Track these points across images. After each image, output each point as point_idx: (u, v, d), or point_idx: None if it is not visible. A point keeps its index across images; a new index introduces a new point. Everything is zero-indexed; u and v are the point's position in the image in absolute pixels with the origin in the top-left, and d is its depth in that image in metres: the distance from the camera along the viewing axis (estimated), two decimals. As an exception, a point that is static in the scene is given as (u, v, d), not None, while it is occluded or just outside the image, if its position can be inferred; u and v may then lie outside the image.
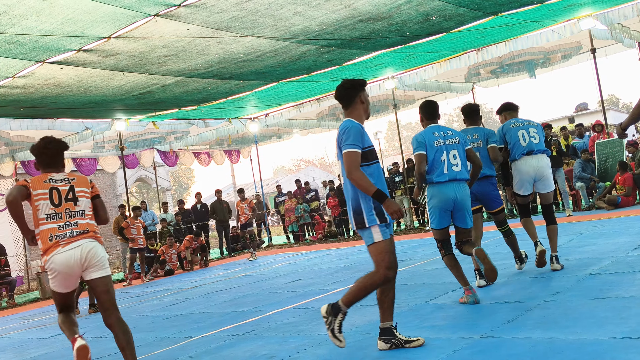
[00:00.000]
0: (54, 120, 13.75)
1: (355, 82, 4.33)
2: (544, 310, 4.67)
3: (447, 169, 5.29)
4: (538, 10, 10.69)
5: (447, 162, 5.30)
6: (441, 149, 5.29)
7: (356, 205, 4.17)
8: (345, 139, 4.10)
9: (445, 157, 5.30)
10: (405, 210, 16.45)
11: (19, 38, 7.89)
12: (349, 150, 4.07)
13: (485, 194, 6.26)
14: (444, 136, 5.40)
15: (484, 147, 6.30)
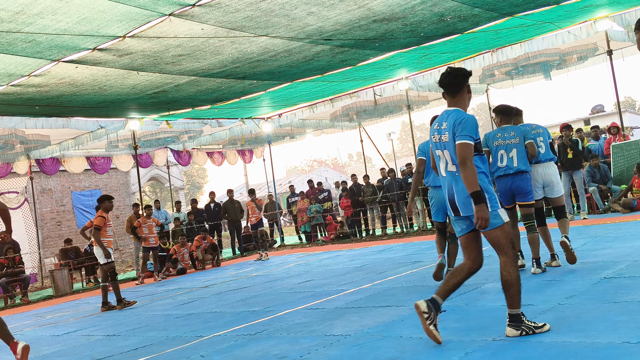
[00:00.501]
0: (68, 118, 13.85)
1: (465, 71, 4.36)
2: (557, 314, 4.63)
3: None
4: (554, 11, 10.61)
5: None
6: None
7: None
8: (461, 130, 4.14)
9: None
10: (418, 211, 16.39)
11: (35, 37, 7.95)
12: (465, 142, 4.11)
13: (519, 188, 6.57)
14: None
15: (522, 143, 6.55)
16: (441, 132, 4.30)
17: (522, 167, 6.55)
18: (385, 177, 17.39)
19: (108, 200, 10.11)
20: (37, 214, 18.86)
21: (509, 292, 4.17)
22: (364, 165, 23.22)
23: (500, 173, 6.67)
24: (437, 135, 4.36)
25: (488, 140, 6.81)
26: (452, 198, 4.29)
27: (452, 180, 4.29)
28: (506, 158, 6.57)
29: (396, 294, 6.84)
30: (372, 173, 27.86)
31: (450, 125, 4.22)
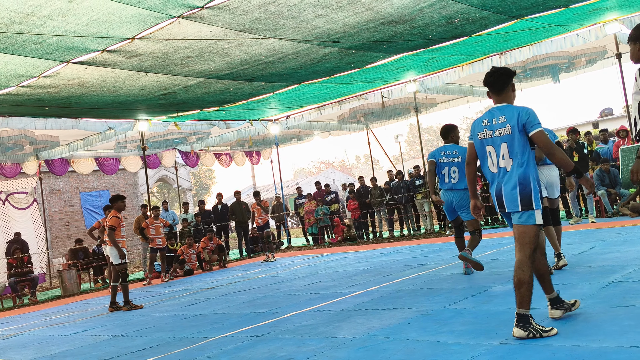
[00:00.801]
0: (77, 119, 13.91)
1: (509, 70, 4.50)
2: (565, 318, 4.61)
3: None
4: (563, 14, 10.58)
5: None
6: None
7: (526, 187, 4.22)
8: (532, 120, 4.24)
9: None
10: (426, 214, 16.37)
11: (45, 38, 8.00)
12: (542, 129, 4.22)
13: None
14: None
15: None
16: (495, 127, 4.35)
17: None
18: (393, 179, 17.38)
19: (121, 200, 10.10)
20: (45, 215, 18.95)
21: (520, 290, 4.19)
22: (371, 167, 23.21)
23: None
24: (488, 131, 4.41)
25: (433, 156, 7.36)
26: (500, 194, 4.36)
27: (502, 175, 4.35)
28: None
29: (403, 296, 6.84)
30: (380, 175, 27.83)
31: (513, 119, 4.28)
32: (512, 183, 4.26)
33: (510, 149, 4.27)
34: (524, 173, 4.23)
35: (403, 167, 28.21)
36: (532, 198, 4.22)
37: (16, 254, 14.73)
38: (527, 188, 4.22)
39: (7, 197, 17.72)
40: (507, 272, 7.43)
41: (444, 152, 7.56)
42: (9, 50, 8.27)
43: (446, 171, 7.49)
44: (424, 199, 16.19)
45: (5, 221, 17.63)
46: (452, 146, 7.61)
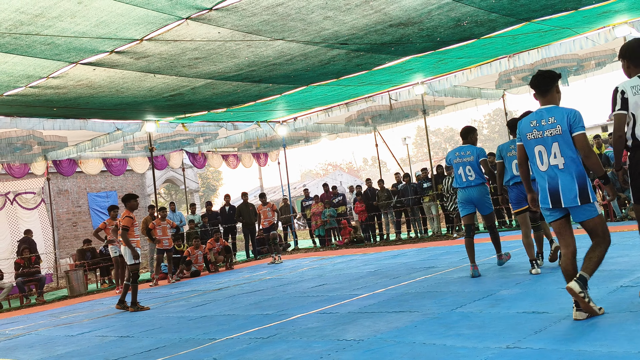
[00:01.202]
0: (85, 120, 13.95)
1: (553, 73, 4.78)
2: (573, 322, 4.58)
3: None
4: (572, 17, 10.53)
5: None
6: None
7: (583, 182, 4.53)
8: (578, 122, 4.54)
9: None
10: (433, 217, 16.33)
11: (54, 39, 8.03)
12: (584, 132, 4.53)
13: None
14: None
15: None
16: (545, 127, 4.63)
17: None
18: (400, 182, 17.35)
19: (134, 199, 10.09)
20: (53, 215, 19.03)
21: (594, 261, 4.55)
22: (378, 169, 23.19)
23: (516, 180, 7.37)
24: (538, 131, 4.68)
25: (502, 151, 7.52)
26: (556, 190, 4.60)
27: (555, 173, 4.61)
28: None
29: (410, 299, 6.82)
30: (387, 177, 27.80)
31: (563, 120, 4.57)
32: (569, 179, 4.54)
33: (562, 148, 4.55)
34: (580, 170, 4.55)
35: (410, 170, 28.19)
36: (589, 192, 4.53)
37: (25, 253, 14.79)
38: (584, 183, 4.53)
39: (15, 197, 17.81)
40: (514, 275, 7.41)
41: (458, 153, 7.95)
42: (18, 51, 8.30)
43: (461, 170, 7.84)
44: (431, 202, 16.15)
45: (13, 221, 17.71)
46: (467, 147, 7.99)
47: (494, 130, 78.34)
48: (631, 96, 4.47)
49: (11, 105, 11.50)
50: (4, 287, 14.07)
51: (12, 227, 17.61)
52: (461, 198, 7.95)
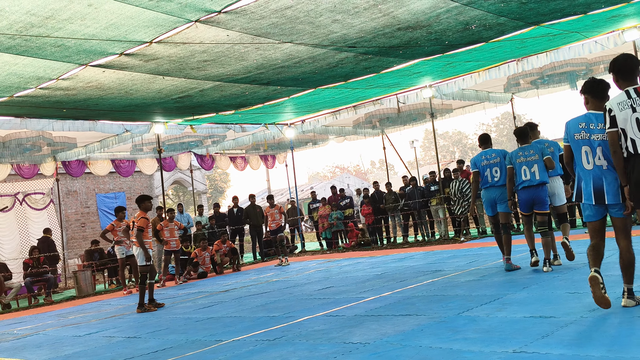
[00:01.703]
0: (94, 122, 14.03)
1: (608, 83, 5.17)
2: (580, 327, 4.58)
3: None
4: (581, 20, 10.50)
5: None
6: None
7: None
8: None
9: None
10: (441, 220, 16.30)
11: (64, 42, 8.09)
12: (612, 130, 4.82)
13: (539, 197, 7.81)
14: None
15: (541, 159, 7.75)
16: (593, 131, 5.02)
17: (543, 178, 7.72)
18: (408, 185, 17.33)
19: (148, 201, 10.13)
20: (62, 215, 19.12)
21: (629, 270, 4.98)
22: (386, 172, 23.17)
23: (525, 185, 7.79)
24: (586, 133, 5.06)
25: (512, 158, 7.97)
26: (600, 188, 4.97)
27: (601, 172, 4.99)
28: (529, 172, 7.73)
29: (416, 303, 6.81)
30: (395, 180, 27.76)
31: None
32: (612, 178, 4.92)
33: (605, 152, 4.94)
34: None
35: (418, 173, 28.13)
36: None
37: (34, 254, 14.87)
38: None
39: (24, 197, 17.91)
40: (521, 279, 7.39)
41: (484, 157, 8.52)
42: (28, 52, 8.37)
43: (488, 172, 8.38)
44: (439, 205, 16.12)
45: (23, 221, 17.82)
46: (491, 150, 8.58)
47: (502, 134, 78.08)
48: (618, 113, 4.69)
49: (21, 106, 11.58)
50: (13, 287, 14.16)
51: (21, 227, 17.71)
52: (485, 197, 8.55)
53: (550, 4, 9.21)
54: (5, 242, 17.22)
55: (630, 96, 4.67)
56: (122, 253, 13.97)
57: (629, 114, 4.62)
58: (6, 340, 8.66)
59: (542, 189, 7.76)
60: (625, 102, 4.67)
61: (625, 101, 4.67)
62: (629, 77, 4.77)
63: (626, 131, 4.65)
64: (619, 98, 4.74)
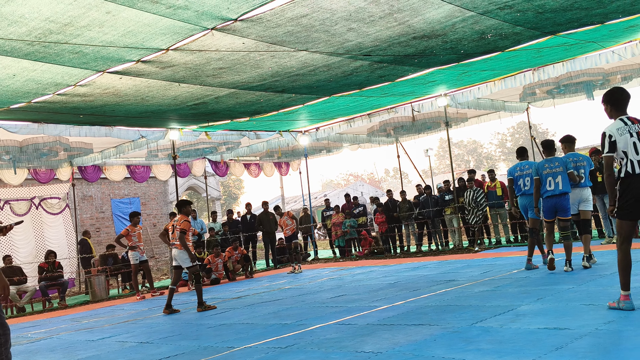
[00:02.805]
0: (111, 127, 14.14)
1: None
2: (595, 339, 4.53)
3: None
4: (598, 30, 10.44)
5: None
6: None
7: None
8: None
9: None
10: (455, 229, 16.22)
11: (82, 48, 8.17)
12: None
13: (561, 205, 8.65)
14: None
15: (564, 171, 8.64)
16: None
17: (565, 189, 8.56)
18: (422, 194, 17.27)
19: (188, 205, 10.47)
20: (77, 220, 19.27)
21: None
22: (400, 180, 23.12)
23: (548, 194, 8.63)
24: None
25: (538, 169, 8.76)
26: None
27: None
28: (553, 183, 8.57)
29: (429, 312, 6.78)
30: (409, 189, 27.72)
31: None
32: None
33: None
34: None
35: (432, 182, 28.04)
36: None
37: (50, 258, 14.98)
38: None
39: (40, 202, 18.08)
40: (536, 290, 7.33)
41: (519, 168, 9.48)
42: (47, 59, 8.46)
43: (521, 182, 9.39)
44: (453, 214, 16.05)
45: (38, 226, 17.97)
46: (526, 162, 9.53)
47: (517, 144, 77.67)
48: (618, 137, 5.31)
49: (39, 111, 11.71)
50: (27, 290, 14.27)
51: (36, 231, 17.86)
52: (521, 203, 9.54)
53: (567, 14, 9.17)
54: (21, 246, 17.37)
55: (627, 123, 5.36)
56: (136, 259, 14.05)
57: (628, 138, 5.28)
58: (20, 344, 8.72)
59: (564, 198, 8.58)
60: (623, 128, 5.33)
61: (623, 127, 5.34)
62: (622, 108, 5.52)
63: (627, 153, 5.25)
64: (616, 125, 5.39)
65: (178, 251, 10.19)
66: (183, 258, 10.19)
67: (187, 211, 10.36)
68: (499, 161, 79.89)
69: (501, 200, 15.38)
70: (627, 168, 5.26)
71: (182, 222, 10.16)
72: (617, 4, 8.95)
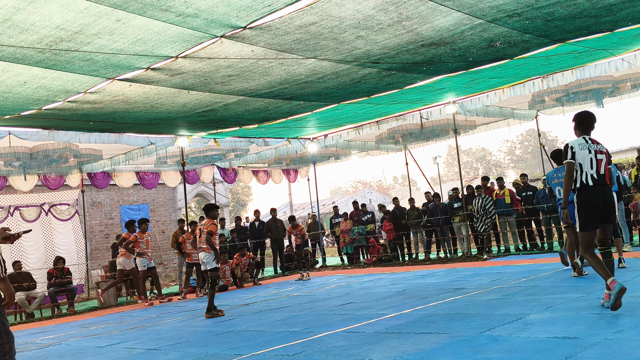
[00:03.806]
0: (120, 134, 14.22)
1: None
2: (604, 349, 4.49)
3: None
4: (607, 38, 10.41)
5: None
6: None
7: None
8: None
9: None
10: (463, 237, 16.17)
11: (92, 56, 8.24)
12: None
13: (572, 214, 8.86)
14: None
15: None
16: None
17: (572, 198, 8.72)
18: (430, 201, 17.23)
19: (215, 209, 10.70)
20: (86, 226, 19.34)
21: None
22: (408, 188, 23.10)
23: (559, 203, 8.95)
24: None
25: (547, 180, 9.25)
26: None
27: None
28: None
29: (437, 320, 6.75)
30: (417, 196, 27.69)
31: None
32: None
33: None
34: None
35: (441, 189, 28.00)
36: None
37: (59, 264, 15.03)
38: None
39: (50, 208, 18.16)
40: (545, 299, 7.29)
41: (556, 175, 9.27)
42: (57, 66, 8.53)
43: (557, 190, 9.25)
44: (462, 222, 16.00)
45: (48, 232, 18.05)
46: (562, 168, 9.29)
47: (526, 151, 77.46)
48: (578, 151, 6.17)
49: (49, 118, 11.79)
50: (37, 296, 14.32)
51: (46, 237, 17.94)
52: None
53: (576, 21, 9.15)
54: (30, 252, 17.45)
55: (587, 141, 6.24)
56: (144, 265, 14.08)
57: (586, 154, 6.14)
58: (29, 350, 8.76)
59: (570, 206, 8.47)
60: (584, 145, 6.19)
61: (584, 144, 6.20)
62: (586, 129, 6.36)
63: (583, 167, 6.12)
64: (579, 141, 6.27)
65: (205, 254, 10.42)
66: (209, 260, 10.40)
67: (213, 215, 10.59)
68: (507, 169, 79.63)
69: (510, 208, 15.32)
70: (582, 179, 6.13)
71: (209, 225, 10.43)
72: (626, 11, 8.93)
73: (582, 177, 6.15)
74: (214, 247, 10.34)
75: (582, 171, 6.14)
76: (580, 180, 6.16)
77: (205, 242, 10.37)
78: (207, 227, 10.40)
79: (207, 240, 10.33)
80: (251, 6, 7.06)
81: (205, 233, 10.36)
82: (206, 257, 10.40)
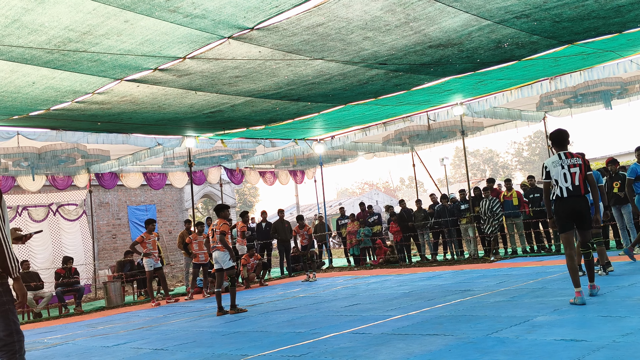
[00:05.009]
0: (128, 135, 14.26)
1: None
2: (612, 351, 4.47)
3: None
4: (616, 39, 10.37)
5: None
6: None
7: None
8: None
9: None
10: (470, 239, 16.12)
11: (100, 57, 8.27)
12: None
13: None
14: None
15: None
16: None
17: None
18: (437, 203, 17.18)
19: (227, 209, 10.80)
20: (94, 226, 19.41)
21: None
22: (415, 189, 23.05)
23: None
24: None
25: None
26: None
27: None
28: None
29: (444, 322, 6.73)
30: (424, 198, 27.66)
31: None
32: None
33: None
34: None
35: (448, 191, 27.89)
36: None
37: (68, 264, 15.08)
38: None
39: (57, 208, 18.24)
40: (552, 301, 7.26)
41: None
42: (65, 67, 8.57)
43: None
44: (469, 224, 15.96)
45: (56, 232, 18.13)
46: (596, 172, 9.53)
47: (534, 153, 77.15)
48: (552, 169, 6.98)
49: (57, 119, 11.84)
50: (44, 296, 14.39)
51: (54, 237, 18.02)
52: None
53: (584, 23, 9.12)
54: (38, 252, 17.52)
55: (561, 157, 6.99)
56: (151, 266, 14.11)
57: (559, 170, 6.94)
58: (36, 349, 8.79)
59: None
60: (557, 162, 6.98)
61: (557, 161, 6.98)
62: (561, 145, 7.13)
63: (558, 181, 6.92)
64: (552, 159, 7.05)
65: (219, 253, 10.57)
66: (225, 259, 10.55)
67: (225, 215, 10.68)
68: (515, 170, 79.34)
69: (517, 209, 15.26)
70: (557, 192, 6.97)
71: (221, 225, 10.57)
72: (635, 12, 8.89)
73: (557, 191, 6.98)
74: (228, 247, 10.49)
75: (557, 185, 6.97)
76: (556, 194, 7.00)
77: (220, 243, 10.50)
78: (220, 227, 10.53)
79: (220, 240, 10.48)
80: (259, 7, 7.07)
81: (218, 233, 10.50)
82: (221, 256, 10.54)
